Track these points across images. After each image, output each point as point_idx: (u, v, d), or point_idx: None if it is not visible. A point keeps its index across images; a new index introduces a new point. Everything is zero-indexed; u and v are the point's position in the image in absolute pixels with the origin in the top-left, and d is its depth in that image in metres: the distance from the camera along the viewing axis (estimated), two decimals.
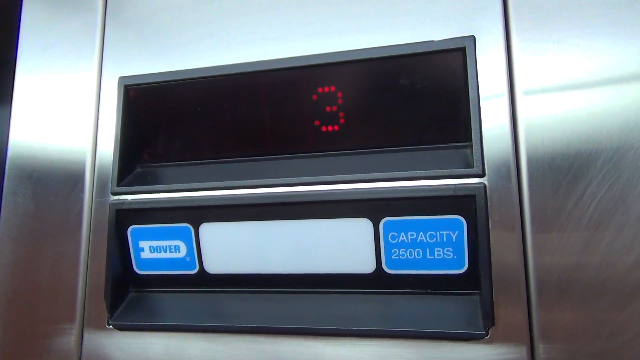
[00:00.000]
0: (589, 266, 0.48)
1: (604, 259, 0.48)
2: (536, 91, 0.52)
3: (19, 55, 0.71)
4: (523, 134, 0.51)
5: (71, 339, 0.63)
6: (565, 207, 0.49)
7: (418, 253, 0.54)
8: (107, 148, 0.65)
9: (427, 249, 0.54)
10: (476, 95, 0.53)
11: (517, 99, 0.52)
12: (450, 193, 0.52)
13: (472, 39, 0.54)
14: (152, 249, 0.63)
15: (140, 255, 0.64)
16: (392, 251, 0.55)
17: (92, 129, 0.66)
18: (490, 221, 0.51)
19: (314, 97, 0.58)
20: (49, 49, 0.70)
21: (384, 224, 0.55)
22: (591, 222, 0.49)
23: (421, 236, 0.54)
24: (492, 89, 0.53)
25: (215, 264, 0.61)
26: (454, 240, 0.53)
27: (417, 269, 0.55)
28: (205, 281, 0.62)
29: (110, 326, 0.62)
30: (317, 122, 0.59)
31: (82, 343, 0.63)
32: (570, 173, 0.50)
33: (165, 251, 0.63)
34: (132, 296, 0.65)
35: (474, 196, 0.51)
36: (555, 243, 0.49)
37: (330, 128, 0.58)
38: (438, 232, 0.53)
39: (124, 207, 0.63)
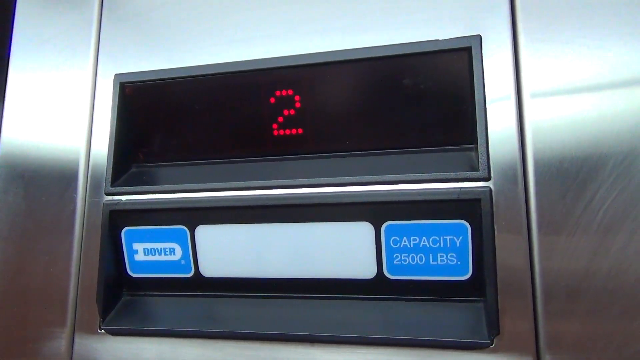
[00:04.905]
0: (598, 273, 0.47)
1: (614, 266, 0.47)
2: (544, 93, 0.50)
3: (13, 51, 0.70)
4: (530, 136, 0.50)
5: (62, 343, 0.61)
6: (574, 212, 0.48)
7: (421, 258, 0.53)
8: (102, 147, 0.63)
9: (430, 254, 0.52)
10: (482, 96, 0.51)
11: (524, 100, 0.51)
12: (455, 197, 0.50)
13: (479, 38, 0.52)
14: (147, 252, 0.61)
15: (134, 258, 0.62)
16: (394, 256, 0.53)
17: (87, 127, 0.65)
18: (495, 226, 0.49)
19: (315, 97, 0.57)
20: (44, 44, 0.69)
21: (386, 228, 0.53)
22: (600, 228, 0.47)
23: (424, 241, 0.52)
24: (499, 90, 0.51)
25: (211, 267, 0.60)
26: (458, 245, 0.51)
27: (419, 275, 0.53)
28: (200, 285, 0.60)
29: (102, 330, 0.60)
30: (317, 123, 0.57)
31: (72, 347, 0.61)
32: (579, 177, 0.48)
33: (160, 254, 0.61)
34: (125, 300, 0.63)
35: (479, 200, 0.50)
36: (563, 249, 0.48)
37: (331, 128, 0.57)
38: (441, 237, 0.52)
39: (118, 207, 0.61)
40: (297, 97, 0.57)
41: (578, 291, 0.47)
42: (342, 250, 0.55)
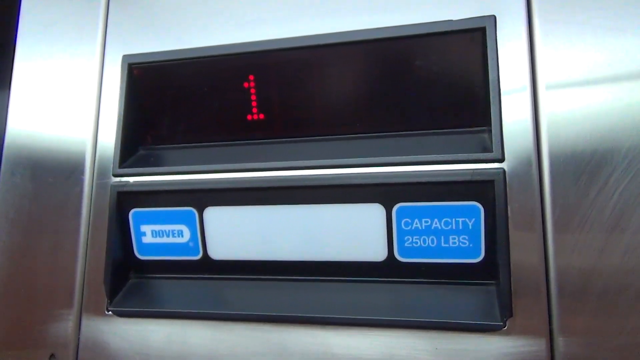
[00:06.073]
0: (612, 256, 0.46)
1: (628, 249, 0.46)
2: (559, 76, 0.49)
3: (20, 34, 0.69)
4: (544, 119, 0.49)
5: (69, 325, 0.61)
6: (588, 195, 0.47)
7: (432, 241, 0.52)
8: (109, 129, 0.63)
9: (442, 237, 0.52)
10: (496, 77, 0.50)
11: (539, 82, 0.50)
12: (468, 178, 0.50)
13: (493, 18, 0.51)
14: (154, 234, 0.61)
15: (141, 240, 0.62)
16: (405, 238, 0.53)
17: (94, 109, 0.64)
18: (509, 208, 0.49)
19: (325, 78, 0.56)
20: (50, 27, 0.68)
21: (397, 210, 0.53)
22: (615, 211, 0.47)
23: (436, 223, 0.52)
24: (513, 72, 0.50)
25: (219, 249, 0.59)
26: (470, 227, 0.51)
27: (431, 258, 0.52)
28: (209, 267, 0.60)
29: (110, 312, 0.60)
30: (328, 104, 0.56)
31: (80, 329, 0.61)
32: (594, 159, 0.47)
33: (168, 236, 0.60)
34: (132, 282, 0.63)
35: (492, 182, 0.49)
36: (577, 232, 0.47)
37: (342, 110, 0.56)
38: (454, 219, 0.51)
39: (125, 189, 0.60)
40: None
41: (591, 275, 0.47)
42: (352, 232, 0.54)
